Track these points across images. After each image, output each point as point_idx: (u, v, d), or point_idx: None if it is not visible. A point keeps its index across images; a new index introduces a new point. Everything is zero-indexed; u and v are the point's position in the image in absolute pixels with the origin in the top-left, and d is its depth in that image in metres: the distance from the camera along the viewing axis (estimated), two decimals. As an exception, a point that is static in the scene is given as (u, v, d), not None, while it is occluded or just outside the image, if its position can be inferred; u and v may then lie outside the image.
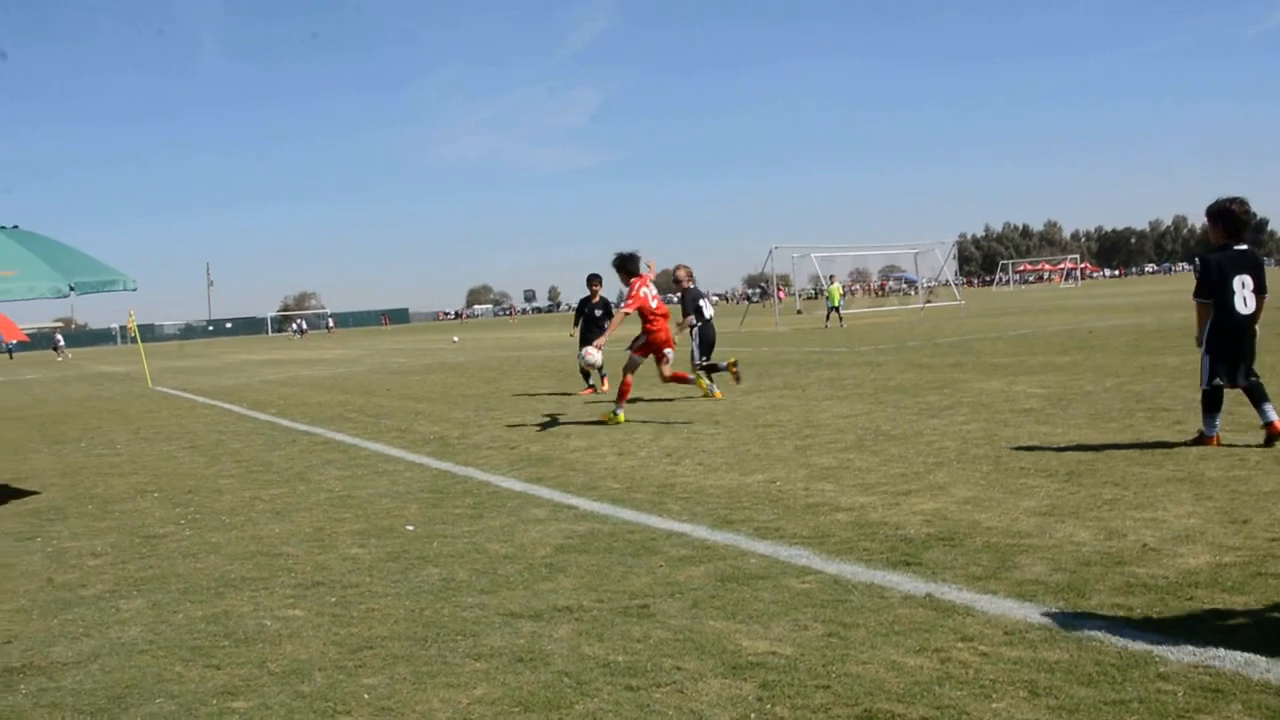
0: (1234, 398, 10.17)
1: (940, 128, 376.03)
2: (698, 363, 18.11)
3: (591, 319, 19.78)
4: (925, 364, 21.63)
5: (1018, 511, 7.81)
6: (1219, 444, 9.83)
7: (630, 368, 15.36)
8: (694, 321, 18.29)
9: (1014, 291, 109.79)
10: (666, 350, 15.29)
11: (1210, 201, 10.01)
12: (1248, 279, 9.71)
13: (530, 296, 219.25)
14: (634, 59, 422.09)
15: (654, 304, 15.33)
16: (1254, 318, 9.76)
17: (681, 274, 18.87)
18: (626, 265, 15.47)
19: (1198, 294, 9.95)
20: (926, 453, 10.57)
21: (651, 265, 16.55)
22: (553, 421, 15.56)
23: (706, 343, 18.34)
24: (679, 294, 18.85)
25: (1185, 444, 10.00)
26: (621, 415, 14.95)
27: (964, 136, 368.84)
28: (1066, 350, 22.56)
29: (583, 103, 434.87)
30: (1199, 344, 10.20)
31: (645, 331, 15.37)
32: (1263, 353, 10.21)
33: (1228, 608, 5.44)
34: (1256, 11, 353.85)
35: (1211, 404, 9.91)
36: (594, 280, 19.76)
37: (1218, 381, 9.84)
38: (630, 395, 17.74)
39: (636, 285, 15.29)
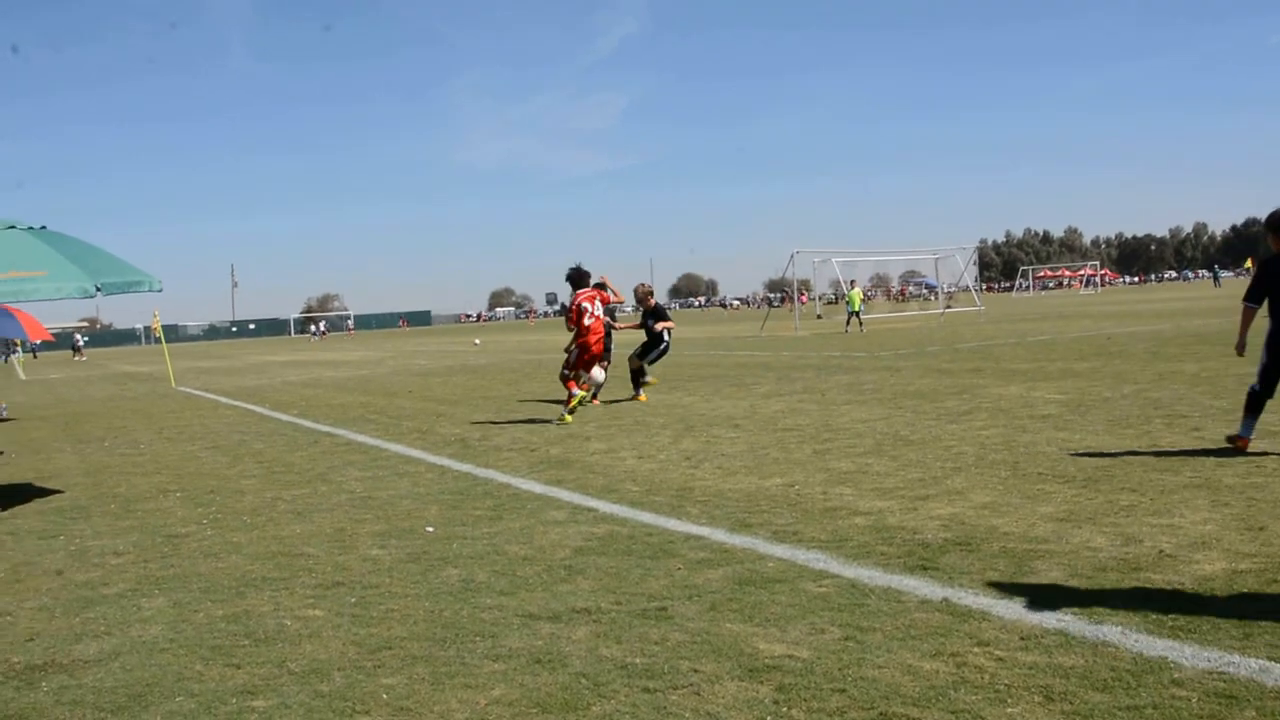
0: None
1: (963, 134, 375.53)
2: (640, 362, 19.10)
3: None
4: (944, 369, 21.62)
5: (1035, 517, 7.82)
6: (1244, 447, 9.83)
7: (564, 378, 16.41)
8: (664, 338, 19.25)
9: (1034, 297, 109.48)
10: (595, 368, 16.42)
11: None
12: None
13: (552, 299, 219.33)
14: (661, 64, 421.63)
15: (588, 321, 16.10)
16: None
17: (640, 292, 19.79)
18: (570, 280, 16.65)
19: (1245, 298, 10.01)
20: (944, 458, 10.58)
21: (604, 280, 17.75)
22: (572, 425, 15.59)
23: (649, 352, 19.13)
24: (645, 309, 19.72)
25: (1227, 442, 10.03)
26: (577, 397, 16.09)
27: (986, 143, 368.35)
28: (1085, 357, 22.52)
29: (609, 106, 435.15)
30: (1238, 351, 10.25)
31: (577, 346, 16.27)
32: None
33: (1243, 614, 5.44)
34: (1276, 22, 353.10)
35: (1252, 405, 9.94)
36: (599, 286, 19.94)
37: (1254, 385, 9.87)
38: (647, 399, 18.00)
39: (576, 300, 16.32)
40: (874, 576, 6.55)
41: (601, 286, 18.84)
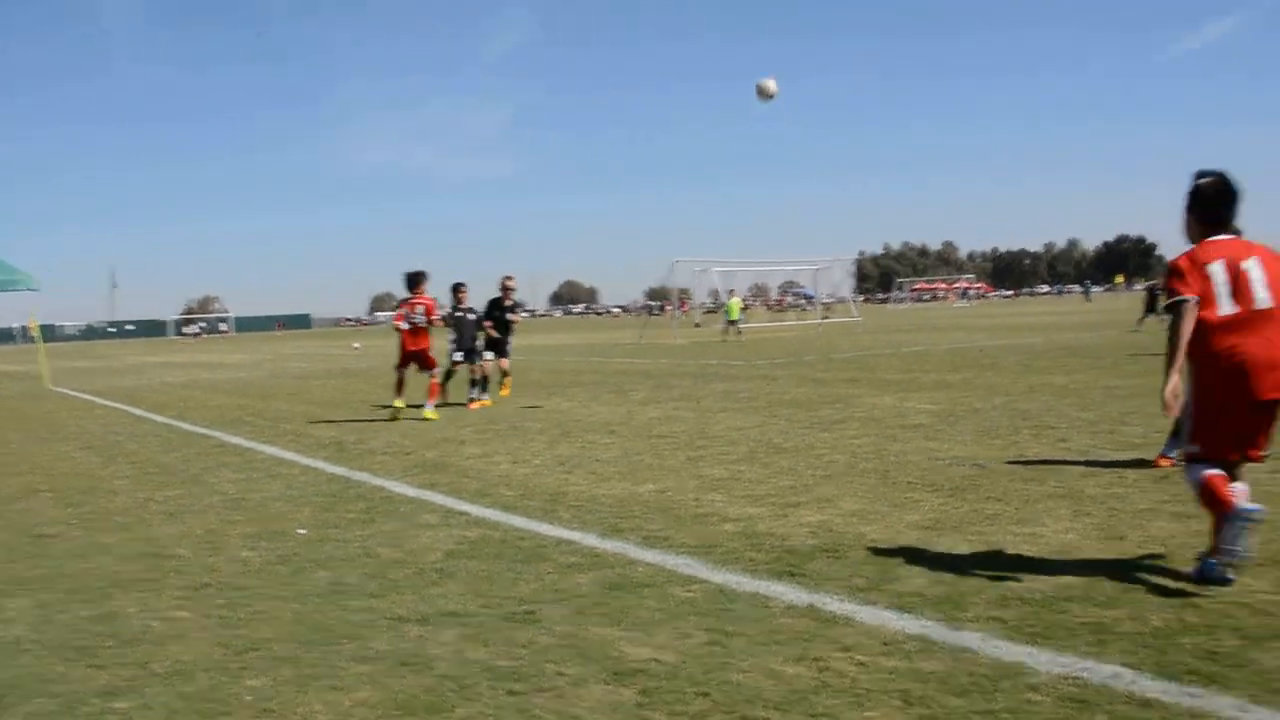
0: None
1: (843, 146, 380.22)
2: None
3: (462, 323, 19.73)
4: (820, 379, 21.89)
5: (901, 525, 7.98)
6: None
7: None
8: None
9: (910, 309, 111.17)
10: (426, 370, 17.56)
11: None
12: None
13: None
14: (548, 72, 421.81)
15: (405, 325, 17.43)
16: None
17: (511, 284, 20.21)
18: (406, 282, 17.82)
19: None
20: (816, 466, 10.73)
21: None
22: (448, 428, 15.53)
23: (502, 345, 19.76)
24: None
25: None
26: (398, 402, 17.21)
27: (866, 155, 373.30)
28: (958, 368, 22.94)
29: (496, 115, 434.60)
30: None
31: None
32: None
33: (1099, 621, 5.61)
34: (1161, 39, 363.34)
35: None
36: (459, 288, 19.89)
37: None
38: (532, 405, 18.12)
39: (401, 305, 17.69)
40: (742, 582, 6.64)
41: (461, 286, 19.65)
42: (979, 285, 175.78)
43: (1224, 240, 6.33)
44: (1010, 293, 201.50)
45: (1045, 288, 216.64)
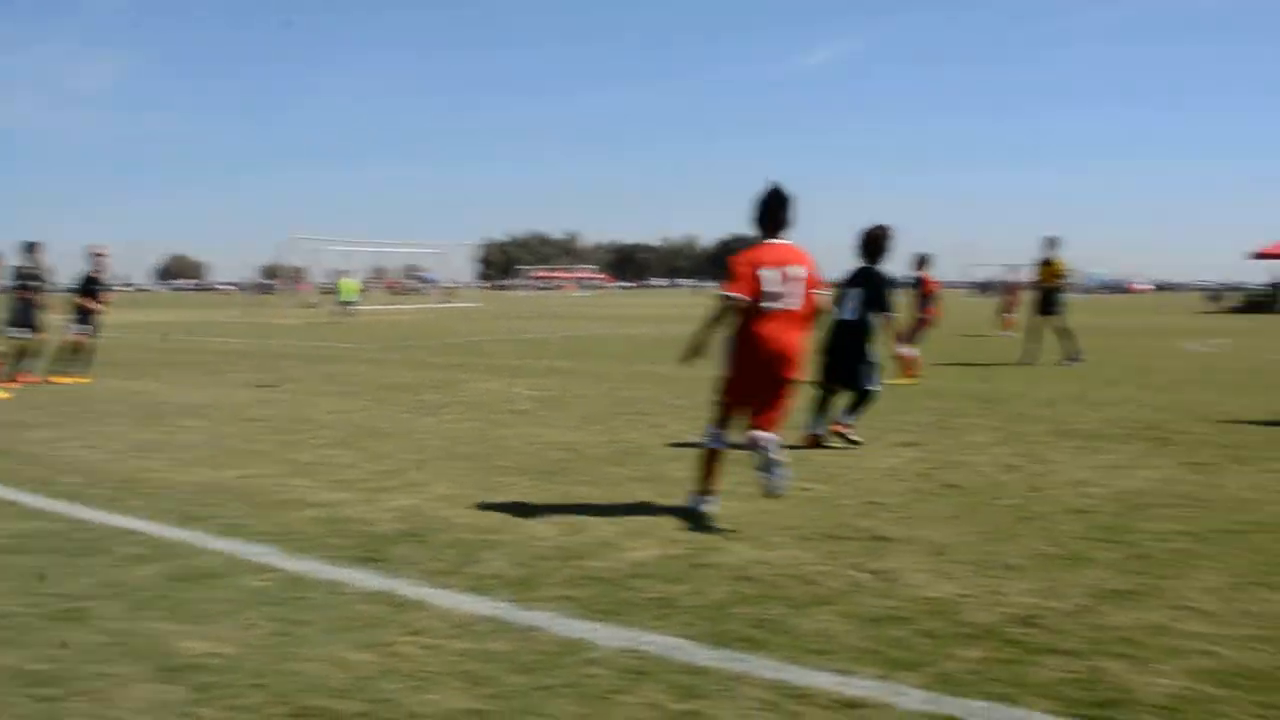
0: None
1: (473, 125, 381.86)
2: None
3: (25, 290, 17.95)
4: (431, 363, 21.74)
5: (490, 508, 7.93)
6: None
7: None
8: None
9: (532, 297, 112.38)
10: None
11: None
12: (861, 292, 10.77)
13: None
14: (160, 31, 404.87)
15: None
16: (855, 325, 10.79)
17: (108, 254, 19.06)
18: None
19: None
20: (412, 450, 10.53)
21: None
22: (14, 410, 14.38)
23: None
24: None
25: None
26: None
27: (500, 135, 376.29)
28: (570, 355, 23.37)
29: (103, 70, 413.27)
30: None
31: None
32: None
33: (666, 596, 5.78)
34: (777, 54, 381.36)
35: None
36: (34, 247, 18.09)
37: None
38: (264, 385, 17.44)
39: None
40: (319, 569, 6.39)
41: (36, 246, 17.96)
42: (600, 275, 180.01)
43: (779, 245, 7.52)
44: (632, 284, 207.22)
45: (663, 281, 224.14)
